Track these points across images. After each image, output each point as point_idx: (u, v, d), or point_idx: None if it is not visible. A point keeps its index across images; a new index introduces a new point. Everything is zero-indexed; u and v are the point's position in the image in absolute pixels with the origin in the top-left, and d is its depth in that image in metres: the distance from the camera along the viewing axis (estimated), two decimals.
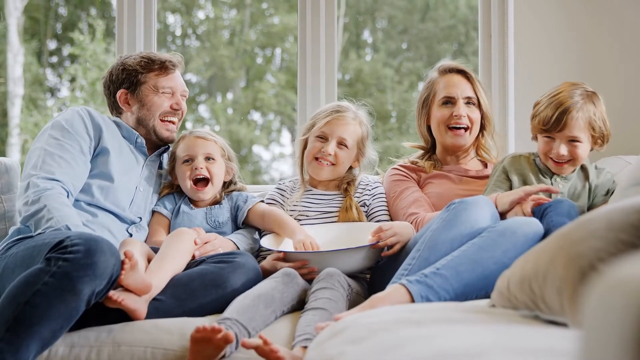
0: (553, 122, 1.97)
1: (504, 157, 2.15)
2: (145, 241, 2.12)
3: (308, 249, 1.93)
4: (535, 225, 1.66)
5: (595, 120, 1.99)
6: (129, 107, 2.21)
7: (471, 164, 2.35)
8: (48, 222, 1.77)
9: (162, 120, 2.21)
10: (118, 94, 2.21)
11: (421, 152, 2.39)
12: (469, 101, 2.25)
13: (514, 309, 1.10)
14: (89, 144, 2.06)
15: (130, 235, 2.07)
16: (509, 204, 1.84)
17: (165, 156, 2.32)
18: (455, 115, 2.22)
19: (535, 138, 2.11)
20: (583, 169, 2.08)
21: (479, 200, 1.75)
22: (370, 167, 2.33)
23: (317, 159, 2.19)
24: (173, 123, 2.24)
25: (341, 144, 2.19)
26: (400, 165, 2.32)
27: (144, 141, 2.21)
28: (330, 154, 2.17)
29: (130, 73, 2.20)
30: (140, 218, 2.13)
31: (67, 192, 1.94)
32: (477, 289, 1.53)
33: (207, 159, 2.18)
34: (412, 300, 1.51)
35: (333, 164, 2.19)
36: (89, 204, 2.01)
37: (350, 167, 2.27)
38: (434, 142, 2.36)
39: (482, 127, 2.29)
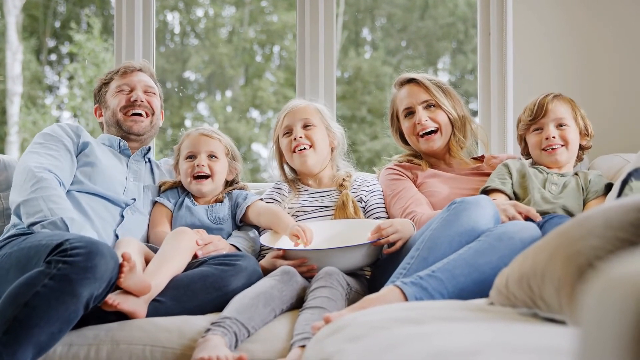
0: (536, 110, 2.16)
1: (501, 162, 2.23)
2: (148, 231, 2.15)
3: (302, 236, 1.93)
4: (532, 231, 1.64)
5: (575, 105, 2.18)
6: (102, 118, 2.36)
7: (463, 161, 2.35)
8: (42, 212, 1.80)
9: (125, 115, 2.29)
10: (94, 110, 2.40)
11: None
12: (428, 104, 2.29)
13: (512, 306, 1.10)
14: (72, 143, 2.14)
15: (122, 217, 2.09)
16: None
17: (154, 160, 2.38)
18: (418, 123, 2.27)
19: (524, 143, 2.23)
20: (577, 174, 2.16)
21: (480, 200, 1.72)
22: (342, 143, 2.35)
23: (294, 151, 2.22)
24: (139, 116, 2.30)
25: (306, 125, 2.25)
26: (396, 165, 2.33)
27: (126, 144, 2.29)
28: (301, 137, 2.22)
29: (98, 90, 2.38)
30: (134, 199, 2.16)
31: (60, 182, 1.97)
32: (472, 293, 1.49)
33: (210, 156, 2.21)
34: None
35: (311, 146, 2.23)
36: (79, 191, 2.05)
37: (332, 156, 2.32)
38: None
39: (454, 128, 2.31)
